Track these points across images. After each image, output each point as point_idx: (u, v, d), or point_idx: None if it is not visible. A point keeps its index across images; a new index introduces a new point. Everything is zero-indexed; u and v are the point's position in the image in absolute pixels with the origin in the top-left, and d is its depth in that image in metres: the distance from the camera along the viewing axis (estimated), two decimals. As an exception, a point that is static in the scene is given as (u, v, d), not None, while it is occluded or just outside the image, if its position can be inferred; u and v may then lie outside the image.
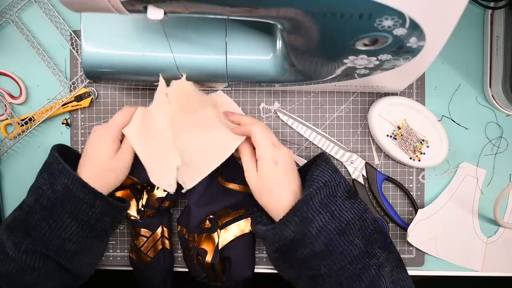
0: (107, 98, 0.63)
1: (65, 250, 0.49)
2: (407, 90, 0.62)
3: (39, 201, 0.49)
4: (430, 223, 0.60)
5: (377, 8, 0.36)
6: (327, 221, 0.48)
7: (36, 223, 0.48)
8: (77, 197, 0.49)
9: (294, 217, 0.48)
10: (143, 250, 0.58)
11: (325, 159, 0.53)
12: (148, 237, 0.58)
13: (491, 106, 0.62)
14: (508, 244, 0.61)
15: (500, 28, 0.58)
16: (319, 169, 0.51)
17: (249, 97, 0.63)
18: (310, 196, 0.48)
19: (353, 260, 0.47)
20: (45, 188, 0.50)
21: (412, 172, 0.62)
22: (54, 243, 0.49)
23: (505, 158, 0.62)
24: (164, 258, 0.59)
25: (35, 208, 0.49)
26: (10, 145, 0.63)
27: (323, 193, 0.49)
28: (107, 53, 0.51)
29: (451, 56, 0.62)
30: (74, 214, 0.49)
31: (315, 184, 0.49)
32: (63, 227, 0.49)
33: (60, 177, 0.49)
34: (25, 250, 0.48)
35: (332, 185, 0.50)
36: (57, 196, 0.49)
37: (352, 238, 0.48)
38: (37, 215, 0.49)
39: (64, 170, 0.49)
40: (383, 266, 0.47)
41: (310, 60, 0.48)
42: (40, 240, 0.48)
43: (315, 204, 0.48)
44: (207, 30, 0.52)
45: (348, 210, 0.49)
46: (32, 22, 0.63)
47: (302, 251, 0.48)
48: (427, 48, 0.42)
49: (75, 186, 0.49)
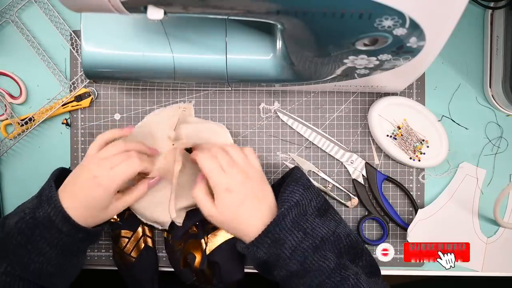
0: (107, 98, 0.63)
1: (43, 273, 0.49)
2: (407, 90, 0.62)
3: (17, 224, 0.48)
4: (430, 223, 0.60)
5: (377, 8, 0.36)
6: (300, 240, 0.47)
7: (14, 248, 0.48)
8: (58, 229, 0.47)
9: (265, 239, 0.47)
10: (126, 251, 0.58)
11: (295, 178, 0.51)
12: (129, 238, 0.58)
13: (491, 106, 0.62)
14: (508, 244, 0.61)
15: (500, 28, 0.58)
16: (289, 189, 0.50)
17: (249, 97, 0.63)
18: (282, 216, 0.47)
19: (330, 274, 0.46)
20: (27, 212, 0.48)
21: (412, 172, 0.62)
22: (32, 268, 0.48)
23: (505, 158, 0.62)
24: (148, 257, 0.59)
25: (14, 232, 0.48)
26: (10, 145, 0.63)
27: (294, 212, 0.48)
28: (107, 53, 0.51)
29: (451, 56, 0.62)
30: (53, 243, 0.48)
31: (286, 204, 0.48)
32: (42, 253, 0.48)
33: (46, 206, 0.48)
34: (4, 272, 0.47)
35: (303, 204, 0.49)
36: (37, 223, 0.48)
37: (325, 253, 0.47)
38: (15, 240, 0.48)
39: (51, 199, 0.48)
40: (359, 274, 0.47)
41: (310, 60, 0.48)
42: (18, 265, 0.47)
43: (287, 224, 0.47)
44: (207, 30, 0.52)
45: (320, 226, 0.49)
46: (32, 22, 0.63)
47: (279, 272, 0.47)
48: (427, 48, 0.42)
49: (57, 218, 0.47)
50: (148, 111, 0.63)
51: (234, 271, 0.57)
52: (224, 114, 0.63)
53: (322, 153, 0.62)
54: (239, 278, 0.57)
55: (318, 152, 0.62)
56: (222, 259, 0.56)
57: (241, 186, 0.48)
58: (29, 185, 0.64)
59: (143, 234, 0.59)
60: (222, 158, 0.49)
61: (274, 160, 0.62)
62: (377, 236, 0.62)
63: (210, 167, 0.49)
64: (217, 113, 0.62)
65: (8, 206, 0.64)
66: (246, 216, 0.48)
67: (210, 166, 0.49)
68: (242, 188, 0.48)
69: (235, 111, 0.63)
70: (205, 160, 0.49)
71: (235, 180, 0.48)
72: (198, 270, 0.56)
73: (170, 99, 0.63)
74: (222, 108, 0.63)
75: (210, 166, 0.49)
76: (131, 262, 0.58)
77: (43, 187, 0.51)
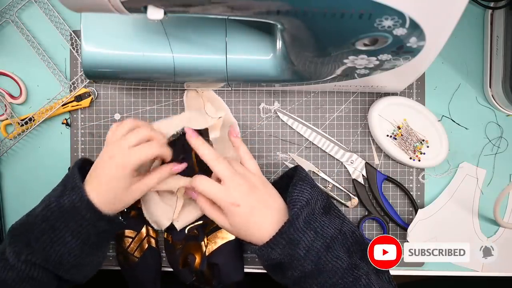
0: (107, 98, 0.63)
1: (63, 263, 0.49)
2: (407, 90, 0.62)
3: (43, 211, 0.49)
4: (430, 223, 0.60)
5: (377, 8, 0.36)
6: (312, 240, 0.47)
7: (38, 235, 0.48)
8: (82, 216, 0.47)
9: (280, 240, 0.47)
10: (129, 251, 0.58)
11: (301, 177, 0.51)
12: (133, 238, 0.58)
13: (491, 106, 0.62)
14: (508, 244, 0.61)
15: (500, 28, 0.58)
16: (298, 188, 0.50)
17: (249, 97, 0.63)
18: (295, 216, 0.47)
19: (343, 274, 0.46)
20: (52, 200, 0.49)
21: (412, 172, 0.62)
22: (53, 257, 0.48)
23: (505, 158, 0.62)
24: (151, 257, 0.59)
25: (39, 219, 0.48)
26: (10, 145, 0.63)
27: (306, 211, 0.48)
28: (107, 53, 0.51)
29: (451, 56, 0.62)
30: (76, 232, 0.48)
31: (298, 204, 0.48)
32: (64, 242, 0.48)
33: (71, 193, 0.48)
34: (24, 260, 0.48)
35: (312, 203, 0.49)
36: (62, 211, 0.48)
37: (337, 252, 0.47)
38: (40, 226, 0.48)
39: (76, 187, 0.48)
40: (369, 274, 0.47)
41: (310, 60, 0.48)
42: (39, 253, 0.48)
43: (300, 224, 0.47)
44: (207, 30, 0.52)
45: (328, 225, 0.49)
46: (32, 22, 0.63)
47: (292, 273, 0.47)
48: (427, 48, 0.42)
49: (82, 204, 0.47)
50: (148, 111, 0.63)
51: (234, 272, 0.57)
52: (224, 114, 0.63)
53: (322, 153, 0.62)
54: (239, 279, 0.57)
55: (318, 152, 0.62)
56: (222, 261, 0.56)
57: (247, 197, 0.48)
58: (29, 185, 0.64)
59: (147, 235, 0.59)
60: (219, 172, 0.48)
61: (274, 160, 0.62)
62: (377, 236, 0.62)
63: (210, 189, 0.48)
64: (217, 113, 0.62)
65: (8, 206, 0.64)
66: (258, 223, 0.48)
67: (209, 188, 0.48)
68: (248, 199, 0.48)
69: (235, 111, 0.63)
70: (203, 184, 0.48)
71: (239, 193, 0.48)
72: (197, 271, 0.56)
73: (170, 99, 0.63)
74: (222, 108, 0.63)
75: (209, 189, 0.48)
76: (134, 262, 0.58)
77: (67, 175, 0.51)
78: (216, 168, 0.48)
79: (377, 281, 0.48)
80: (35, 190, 0.63)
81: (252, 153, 0.62)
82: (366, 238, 0.61)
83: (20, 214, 0.55)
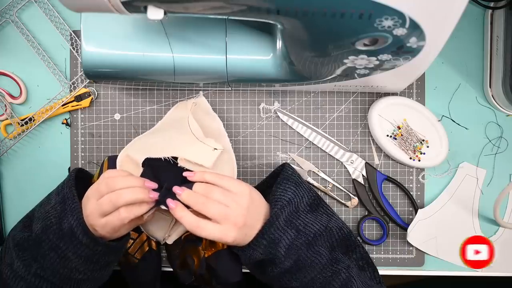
0: (107, 98, 0.63)
1: (72, 279, 0.50)
2: (407, 90, 0.62)
3: (46, 232, 0.49)
4: (430, 223, 0.60)
5: (377, 8, 0.36)
6: (293, 238, 0.48)
7: (45, 252, 0.49)
8: (79, 241, 0.48)
9: (262, 240, 0.48)
10: (130, 252, 0.58)
11: (286, 176, 0.51)
12: (135, 239, 0.58)
13: (491, 106, 0.62)
14: (508, 244, 0.61)
15: (500, 28, 0.58)
16: (281, 187, 0.50)
17: (249, 97, 0.63)
18: (276, 216, 0.48)
19: (322, 269, 0.47)
20: (53, 221, 0.49)
21: (412, 172, 0.62)
22: (62, 273, 0.49)
23: (505, 158, 0.62)
24: (151, 259, 0.59)
25: (43, 238, 0.49)
26: (10, 145, 0.63)
27: (287, 210, 0.49)
28: (107, 53, 0.51)
29: (451, 56, 0.62)
30: (77, 254, 0.48)
31: (279, 203, 0.49)
32: (69, 260, 0.49)
33: (69, 216, 0.48)
34: (34, 273, 0.48)
35: (295, 201, 0.50)
36: (62, 234, 0.48)
37: (318, 248, 0.48)
38: (46, 245, 0.49)
39: (75, 210, 0.48)
40: (351, 268, 0.48)
41: (310, 60, 0.48)
42: (48, 269, 0.48)
43: (280, 223, 0.48)
44: (207, 30, 0.52)
45: (313, 222, 0.49)
46: (32, 22, 0.63)
47: (272, 269, 0.48)
48: (427, 48, 0.42)
49: (79, 230, 0.47)
50: (148, 111, 0.63)
51: (233, 273, 0.57)
52: (224, 114, 0.63)
53: (322, 153, 0.62)
54: (236, 280, 0.57)
55: (318, 152, 0.62)
56: (221, 263, 0.56)
57: (243, 228, 0.47)
58: (29, 185, 0.64)
59: (148, 237, 0.59)
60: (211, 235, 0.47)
61: (274, 160, 0.62)
62: (377, 236, 0.62)
63: (209, 233, 0.47)
64: (217, 113, 0.62)
65: (8, 206, 0.64)
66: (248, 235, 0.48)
67: (195, 225, 0.47)
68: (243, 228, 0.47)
69: (235, 111, 0.63)
70: (187, 219, 0.47)
71: (234, 230, 0.47)
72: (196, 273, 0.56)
73: (170, 99, 0.63)
74: (222, 108, 0.63)
75: (195, 225, 0.47)
76: (134, 263, 0.58)
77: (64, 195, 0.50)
78: (204, 233, 0.47)
79: (359, 275, 0.49)
80: (35, 190, 0.64)
81: (252, 153, 0.62)
82: (366, 239, 0.61)
83: (20, 214, 0.56)
